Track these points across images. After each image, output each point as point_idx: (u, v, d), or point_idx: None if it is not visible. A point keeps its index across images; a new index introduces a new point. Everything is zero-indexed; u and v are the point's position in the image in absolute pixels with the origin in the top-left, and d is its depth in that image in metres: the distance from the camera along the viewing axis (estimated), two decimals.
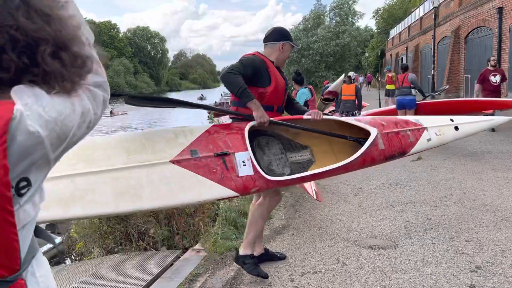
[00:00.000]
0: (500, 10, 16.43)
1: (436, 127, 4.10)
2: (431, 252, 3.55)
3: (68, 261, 5.51)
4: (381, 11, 51.45)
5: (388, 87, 16.48)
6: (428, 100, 9.33)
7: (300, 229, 4.32)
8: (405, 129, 3.81)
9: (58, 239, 7.63)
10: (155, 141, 2.88)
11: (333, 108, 13.05)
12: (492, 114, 8.16)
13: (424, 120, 4.13)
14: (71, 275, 4.16)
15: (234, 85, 3.08)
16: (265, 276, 3.23)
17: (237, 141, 3.05)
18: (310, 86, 6.86)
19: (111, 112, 41.31)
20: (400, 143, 3.70)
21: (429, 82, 24.22)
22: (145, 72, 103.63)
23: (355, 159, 3.30)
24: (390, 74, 17.01)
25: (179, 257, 3.88)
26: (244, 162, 2.99)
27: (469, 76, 19.14)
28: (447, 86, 18.20)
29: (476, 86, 10.12)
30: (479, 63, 19.37)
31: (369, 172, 6.32)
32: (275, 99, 3.31)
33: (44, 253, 7.24)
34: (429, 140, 4.01)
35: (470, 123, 4.46)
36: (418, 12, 31.36)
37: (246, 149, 3.04)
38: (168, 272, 3.55)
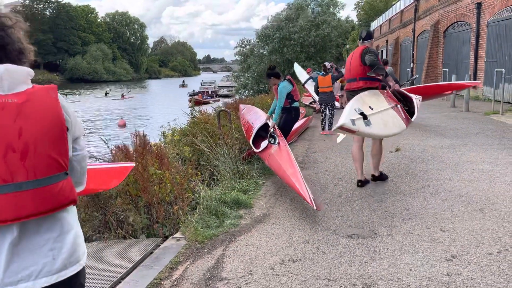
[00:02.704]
0: (479, 5, 16.70)
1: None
2: (409, 241, 3.62)
3: None
4: (362, 3, 51.68)
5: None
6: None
7: (281, 218, 4.34)
8: (416, 97, 6.28)
9: None
10: (377, 97, 5.09)
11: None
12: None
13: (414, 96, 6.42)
14: None
15: (381, 67, 5.07)
16: (387, 177, 5.59)
17: (391, 99, 5.37)
18: (289, 77, 6.67)
19: (122, 95, 46.69)
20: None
21: (408, 75, 24.55)
22: (124, 58, 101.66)
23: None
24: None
25: (159, 246, 3.85)
26: (400, 110, 5.36)
27: (447, 70, 19.41)
28: (417, 76, 19.16)
29: None
30: (456, 57, 19.72)
31: (348, 163, 6.39)
32: None
33: None
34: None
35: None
36: (399, 5, 31.62)
37: (398, 103, 5.46)
38: (147, 260, 3.52)
